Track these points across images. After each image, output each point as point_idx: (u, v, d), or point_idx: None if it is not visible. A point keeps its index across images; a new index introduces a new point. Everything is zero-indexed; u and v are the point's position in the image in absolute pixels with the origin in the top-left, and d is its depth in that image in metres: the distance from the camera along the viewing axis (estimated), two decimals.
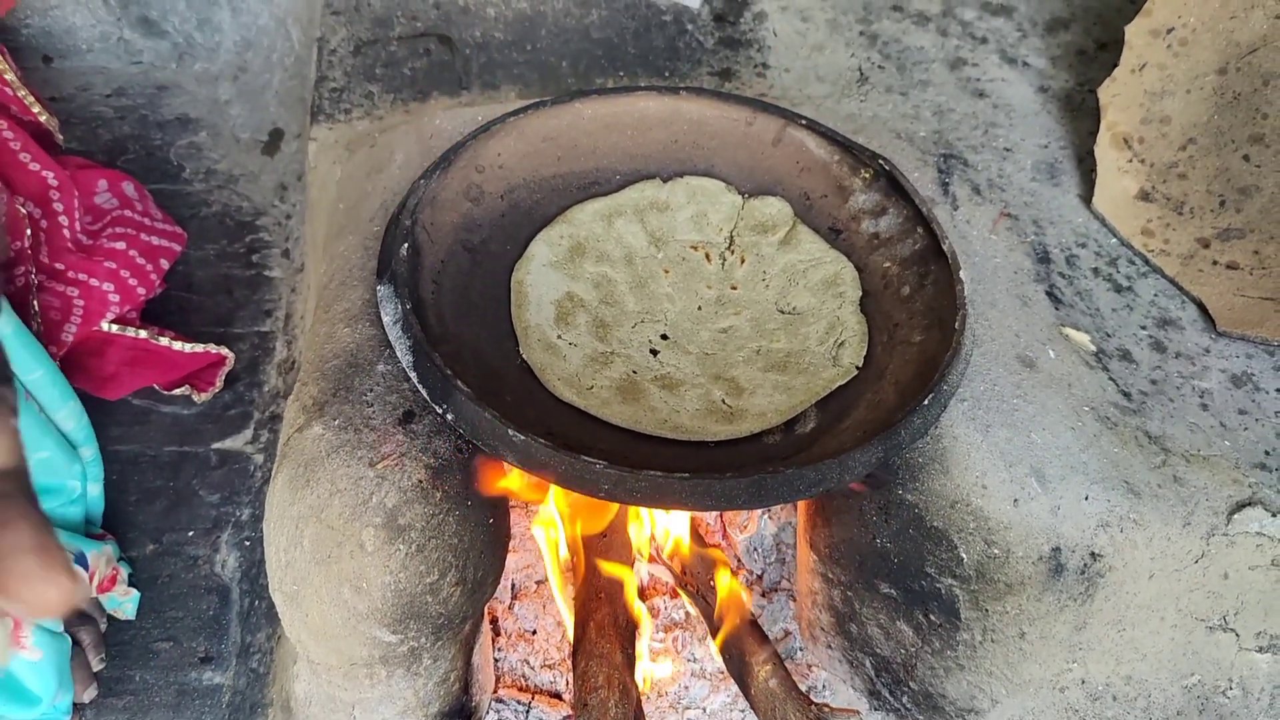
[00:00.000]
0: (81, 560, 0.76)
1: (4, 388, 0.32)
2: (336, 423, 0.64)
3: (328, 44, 1.02)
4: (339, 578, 0.62)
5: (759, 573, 0.90)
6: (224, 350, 0.95)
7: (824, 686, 0.87)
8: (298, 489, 0.63)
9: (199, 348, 0.93)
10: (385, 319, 0.66)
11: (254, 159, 1.14)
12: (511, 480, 0.69)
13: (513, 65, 1.01)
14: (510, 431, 0.59)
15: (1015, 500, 0.69)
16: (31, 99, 0.96)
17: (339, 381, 0.67)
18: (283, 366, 0.98)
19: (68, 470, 0.77)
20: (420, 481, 0.62)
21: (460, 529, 0.63)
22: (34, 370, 0.75)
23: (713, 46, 1.04)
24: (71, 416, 0.79)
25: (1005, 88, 1.02)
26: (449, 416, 0.61)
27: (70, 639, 0.75)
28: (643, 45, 1.04)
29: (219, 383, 0.95)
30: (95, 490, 0.82)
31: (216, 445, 0.93)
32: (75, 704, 0.77)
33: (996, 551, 0.69)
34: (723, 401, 0.71)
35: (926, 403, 0.64)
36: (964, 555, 0.69)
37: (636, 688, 0.76)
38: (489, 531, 0.66)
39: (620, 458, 0.61)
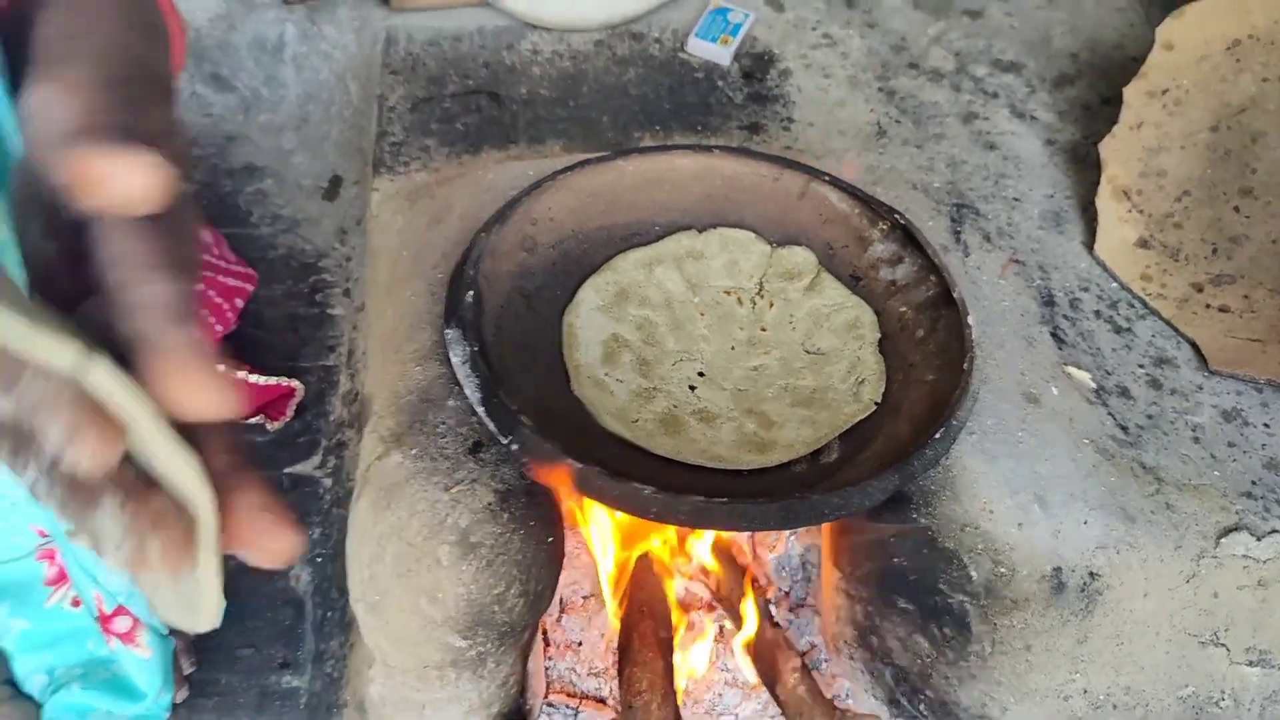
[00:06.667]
0: None
1: None
2: (414, 452, 0.73)
3: (387, 101, 1.11)
4: (417, 589, 0.71)
5: (786, 590, 0.97)
6: (294, 382, 1.04)
7: (847, 695, 0.95)
8: (379, 511, 0.71)
9: (272, 380, 1.02)
10: (454, 360, 0.74)
11: (315, 204, 1.24)
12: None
13: (557, 120, 1.10)
14: (569, 461, 0.68)
15: (1020, 524, 0.76)
16: None
17: (414, 415, 0.75)
18: (346, 398, 1.07)
19: None
20: (489, 504, 0.70)
21: (524, 547, 0.71)
22: None
23: (742, 102, 1.13)
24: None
25: (1015, 140, 1.10)
26: (514, 447, 0.70)
27: (172, 642, 0.84)
28: (677, 100, 1.12)
29: (289, 412, 1.04)
30: None
31: (288, 470, 1.02)
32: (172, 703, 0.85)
33: (1003, 570, 0.76)
34: (755, 434, 0.79)
35: (937, 436, 0.72)
36: (973, 573, 0.76)
37: (675, 694, 0.84)
38: (548, 550, 0.74)
39: (663, 484, 0.69)
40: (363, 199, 1.16)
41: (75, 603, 0.80)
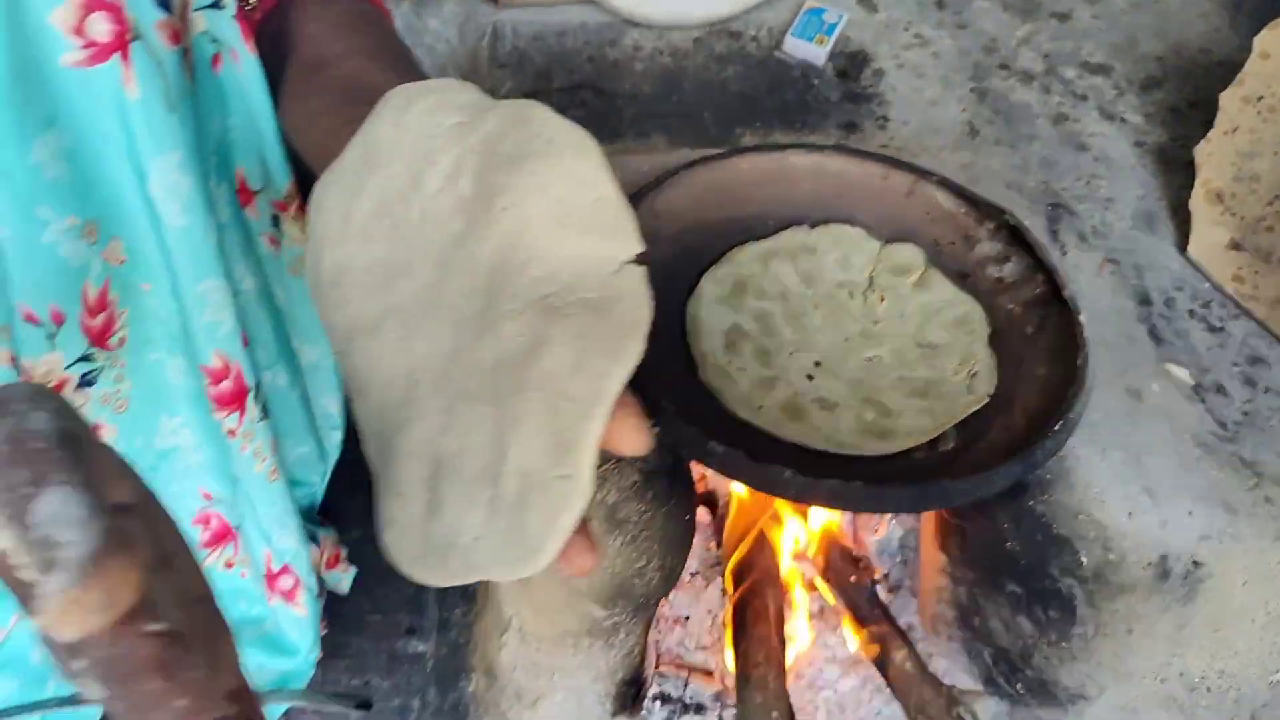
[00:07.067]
0: (314, 539, 0.89)
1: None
2: None
3: (496, 94, 1.15)
4: None
5: (886, 572, 1.02)
6: None
7: (943, 674, 0.99)
8: None
9: None
10: None
11: None
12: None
13: (660, 115, 1.14)
14: (712, 444, 0.72)
15: (1130, 513, 0.80)
16: None
17: None
18: None
19: (314, 468, 0.90)
20: (635, 483, 0.75)
21: (665, 524, 0.76)
22: (315, 348, 0.83)
23: (837, 100, 1.17)
24: (335, 402, 0.90)
25: (1105, 142, 1.14)
26: (657, 430, 0.74)
27: (320, 604, 0.88)
28: (776, 99, 1.16)
29: None
30: (323, 482, 0.95)
31: None
32: None
33: (1113, 557, 0.80)
34: (874, 422, 0.83)
35: (1057, 428, 0.76)
36: (1084, 559, 0.80)
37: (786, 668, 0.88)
38: (684, 527, 0.78)
39: (792, 466, 0.73)
40: None
41: (228, 564, 0.85)
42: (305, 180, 0.72)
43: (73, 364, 0.62)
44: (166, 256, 0.62)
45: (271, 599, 0.83)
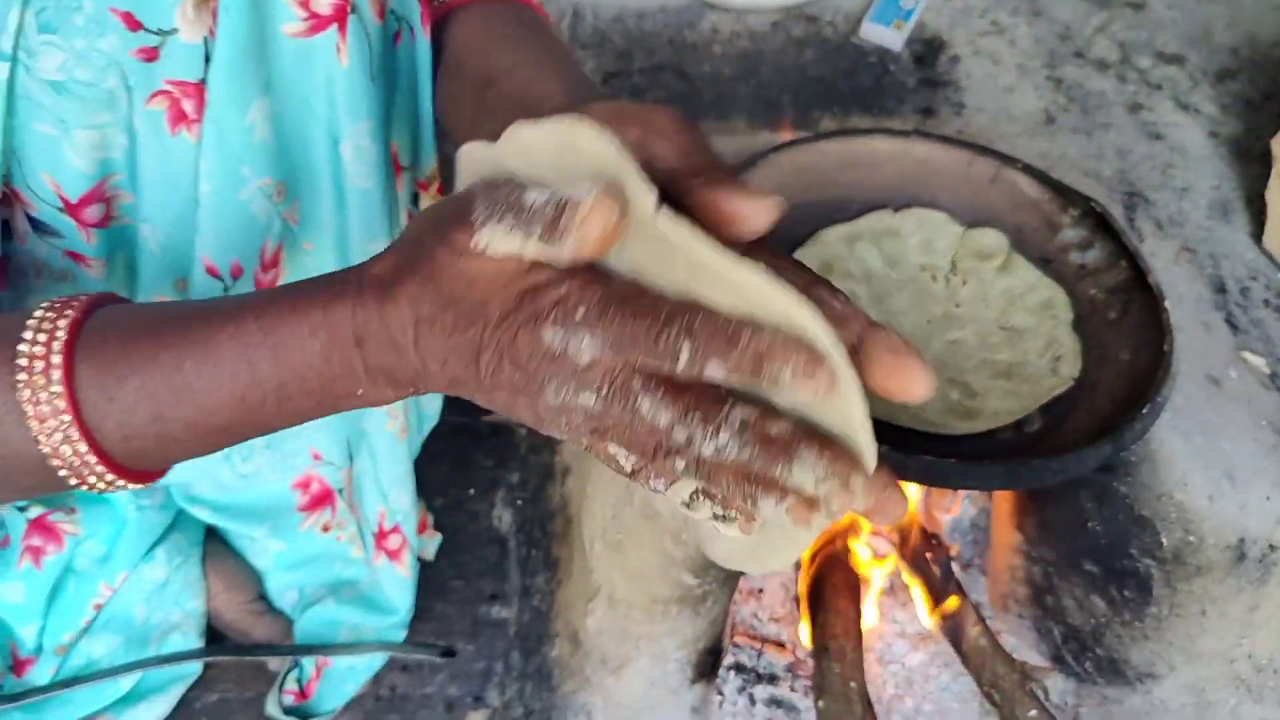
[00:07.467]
0: None
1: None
2: None
3: None
4: (662, 530, 0.78)
5: (958, 550, 1.04)
6: None
7: (1011, 651, 1.01)
8: None
9: None
10: None
11: None
12: None
13: (740, 98, 1.16)
14: None
15: (1210, 497, 0.82)
16: None
17: None
18: None
19: (411, 438, 0.93)
20: None
21: None
22: None
23: (914, 86, 1.18)
24: None
25: (1179, 132, 1.14)
26: None
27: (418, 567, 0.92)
28: (853, 83, 1.18)
29: None
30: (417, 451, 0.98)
31: (487, 419, 1.10)
32: None
33: (1193, 539, 0.82)
34: (960, 402, 0.85)
35: (1145, 411, 0.78)
36: (1164, 540, 0.82)
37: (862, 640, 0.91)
38: None
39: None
40: None
41: (325, 528, 0.88)
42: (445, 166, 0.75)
43: None
44: (342, 218, 0.66)
45: (378, 558, 0.86)
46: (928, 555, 0.94)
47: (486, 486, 1.05)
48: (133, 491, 0.78)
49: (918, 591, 0.95)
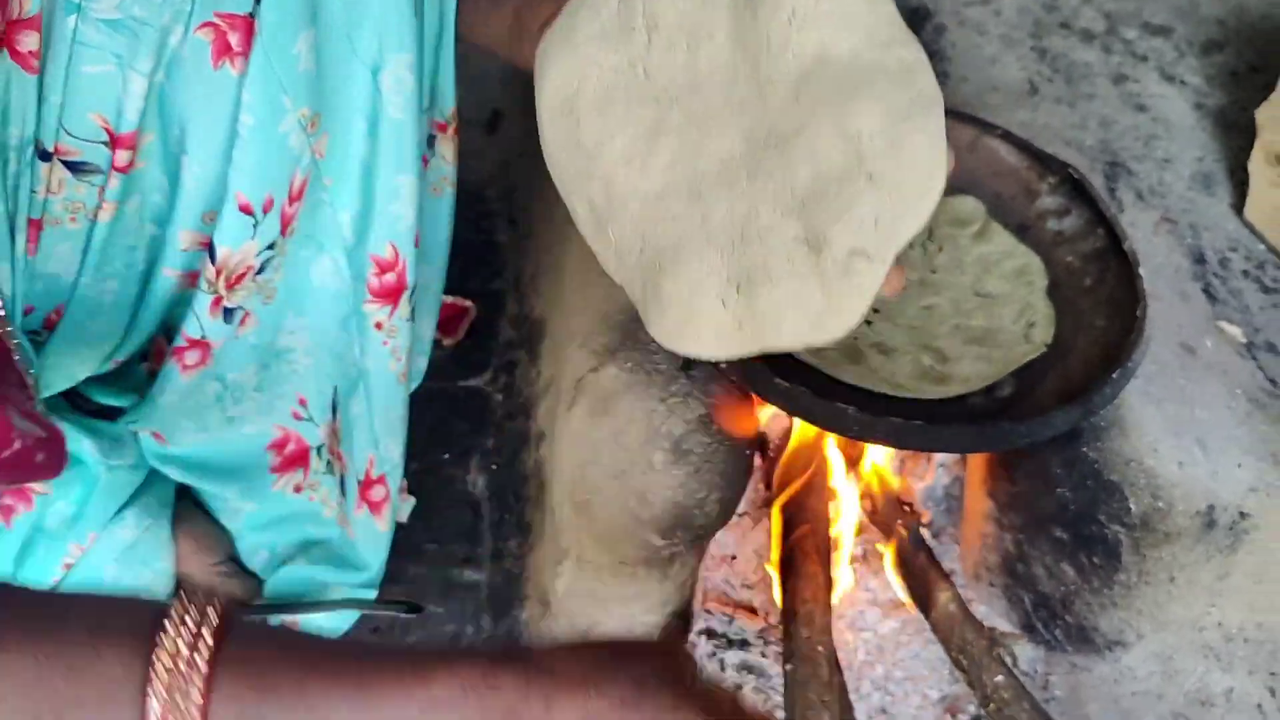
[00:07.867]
0: None
1: None
2: (628, 366, 0.79)
3: None
4: (629, 490, 0.78)
5: (930, 518, 1.04)
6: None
7: (982, 619, 1.01)
8: (596, 418, 0.78)
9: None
10: None
11: (477, 137, 1.30)
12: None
13: None
14: (777, 380, 0.74)
15: (1180, 463, 0.82)
16: None
17: (625, 333, 0.82)
18: (516, 320, 1.14)
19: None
20: (701, 416, 0.77)
21: (727, 457, 0.78)
22: (430, 268, 0.87)
23: None
24: (430, 326, 0.93)
25: (1164, 103, 1.14)
26: (723, 366, 0.76)
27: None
28: None
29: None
30: None
31: (463, 383, 1.10)
32: None
33: (1161, 505, 0.82)
34: (931, 367, 0.84)
35: (1115, 376, 0.77)
36: (1133, 506, 0.82)
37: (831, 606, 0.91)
38: (745, 462, 0.80)
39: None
40: (527, 132, 1.22)
41: (297, 489, 0.88)
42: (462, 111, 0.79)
43: (261, 251, 0.66)
44: (373, 149, 0.67)
45: (359, 508, 0.86)
46: (899, 522, 0.94)
47: (461, 451, 1.05)
48: (103, 450, 0.78)
49: (889, 558, 0.95)
